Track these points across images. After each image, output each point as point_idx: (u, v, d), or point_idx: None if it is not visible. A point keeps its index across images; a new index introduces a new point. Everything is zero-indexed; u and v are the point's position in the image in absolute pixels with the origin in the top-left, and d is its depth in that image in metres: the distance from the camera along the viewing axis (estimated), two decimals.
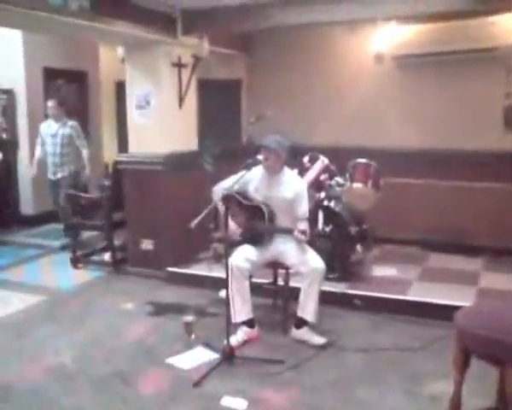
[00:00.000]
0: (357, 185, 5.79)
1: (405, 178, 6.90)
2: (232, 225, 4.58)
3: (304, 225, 4.46)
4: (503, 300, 4.96)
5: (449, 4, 5.28)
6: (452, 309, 2.94)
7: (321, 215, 5.68)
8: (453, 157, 7.03)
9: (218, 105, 8.16)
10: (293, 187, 4.61)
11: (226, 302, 4.31)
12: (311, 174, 5.79)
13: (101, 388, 3.91)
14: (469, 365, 2.72)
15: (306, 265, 4.45)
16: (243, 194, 4.69)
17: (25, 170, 8.80)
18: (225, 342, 4.20)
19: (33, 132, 8.78)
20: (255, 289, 4.84)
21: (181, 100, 6.30)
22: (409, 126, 7.38)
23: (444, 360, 3.81)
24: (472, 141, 7.00)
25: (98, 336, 4.80)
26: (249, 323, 4.55)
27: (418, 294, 5.31)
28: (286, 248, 4.57)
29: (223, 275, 4.38)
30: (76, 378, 4.04)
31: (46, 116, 7.75)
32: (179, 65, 6.20)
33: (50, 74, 9.02)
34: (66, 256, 6.88)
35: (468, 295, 5.17)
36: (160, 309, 5.40)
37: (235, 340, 4.38)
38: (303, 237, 4.32)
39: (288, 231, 4.45)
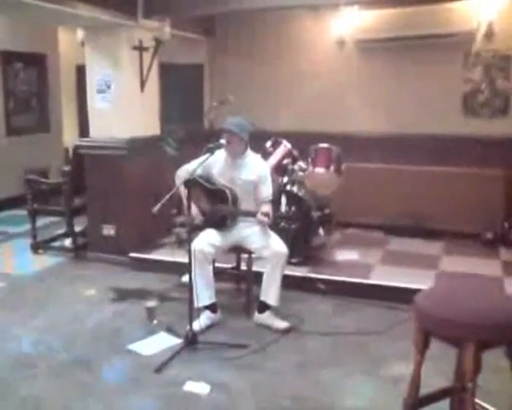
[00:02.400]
0: (319, 170, 5.82)
1: (367, 162, 6.97)
2: (194, 209, 4.57)
3: (267, 208, 4.46)
4: (458, 281, 5.05)
5: None
6: (413, 292, 2.96)
7: (283, 200, 5.69)
8: (414, 142, 7.11)
9: (180, 89, 8.09)
10: (256, 170, 4.60)
11: (189, 287, 4.29)
12: (273, 159, 5.79)
13: (61, 375, 3.86)
14: (429, 346, 2.75)
15: (269, 249, 4.46)
16: (206, 178, 4.67)
17: None
18: (188, 327, 4.18)
19: None
20: (218, 273, 4.85)
21: (142, 84, 6.21)
22: (370, 111, 7.43)
23: (405, 343, 3.87)
24: (432, 126, 7.09)
25: (59, 322, 4.74)
26: (212, 307, 4.55)
27: (380, 277, 5.37)
28: (249, 233, 4.57)
29: (185, 260, 4.35)
30: (36, 366, 3.98)
31: None
32: (140, 48, 6.10)
33: (7, 57, 8.84)
34: (27, 242, 6.76)
35: (429, 278, 5.24)
36: (123, 295, 5.35)
37: (197, 325, 4.37)
38: (266, 220, 4.32)
39: (251, 214, 4.45)
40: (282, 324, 4.51)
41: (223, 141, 4.54)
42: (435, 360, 3.16)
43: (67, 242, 6.71)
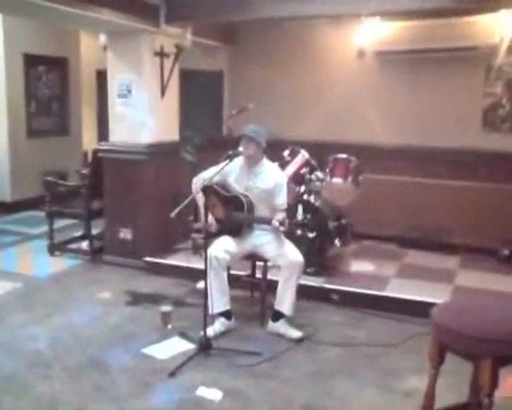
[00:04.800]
0: (337, 180, 5.81)
1: (385, 174, 6.95)
2: (211, 216, 4.59)
3: (281, 216, 4.46)
4: (477, 297, 5.03)
5: (432, 2, 5.31)
6: (428, 306, 2.97)
7: (300, 209, 5.69)
8: (432, 155, 7.08)
9: (200, 96, 8.13)
10: (272, 178, 4.62)
11: (204, 293, 4.31)
12: (291, 168, 5.81)
13: (76, 376, 3.89)
14: (444, 360, 2.75)
15: (284, 258, 4.46)
16: (223, 185, 4.70)
17: (2, 157, 8.72)
18: (202, 332, 4.20)
19: (12, 119, 8.72)
20: (233, 280, 4.86)
21: (163, 90, 6.27)
22: (389, 123, 7.41)
23: (419, 356, 3.86)
24: (451, 139, 7.05)
25: (74, 324, 4.77)
26: (226, 314, 4.56)
27: (395, 290, 5.34)
28: (264, 241, 4.58)
29: (201, 266, 4.38)
30: (51, 366, 4.01)
31: None
32: (162, 54, 6.16)
33: (31, 60, 8.94)
34: (44, 244, 6.82)
35: (445, 293, 5.22)
36: (138, 299, 5.38)
37: (211, 331, 4.37)
38: (281, 228, 4.33)
39: (267, 221, 4.46)
40: (295, 333, 4.51)
41: (241, 148, 4.57)
42: (449, 374, 3.15)
43: (84, 244, 6.76)
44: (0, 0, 4.81)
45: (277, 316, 4.56)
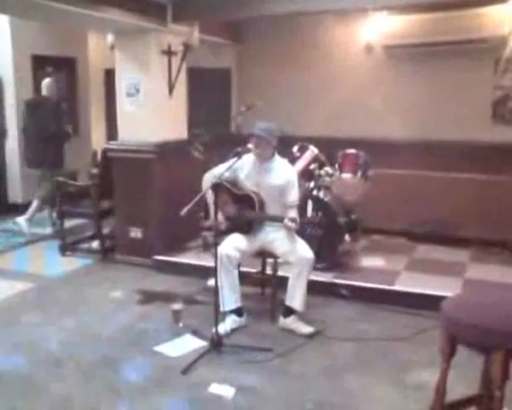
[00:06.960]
0: (346, 175, 5.82)
1: (394, 168, 6.92)
2: (221, 214, 4.60)
3: (293, 213, 4.47)
4: (487, 289, 5.01)
5: None
6: (439, 299, 2.95)
7: (310, 205, 5.69)
8: (442, 148, 7.06)
9: (208, 93, 8.15)
10: (283, 174, 4.62)
11: (215, 291, 4.32)
12: (300, 164, 5.81)
13: (89, 375, 3.91)
14: (455, 353, 2.74)
15: (295, 254, 4.46)
16: (233, 182, 4.70)
17: (13, 158, 8.76)
18: (213, 330, 4.22)
19: (22, 121, 8.74)
20: (244, 277, 4.86)
21: (171, 88, 6.28)
22: (398, 117, 7.39)
23: (430, 350, 3.86)
24: (460, 132, 7.03)
25: (86, 323, 4.80)
26: (237, 311, 4.57)
27: (405, 284, 5.33)
28: (275, 237, 4.59)
29: (211, 264, 4.39)
30: (64, 365, 4.04)
31: None
32: (169, 53, 6.17)
33: (39, 61, 8.96)
34: (55, 244, 6.86)
35: (455, 286, 5.20)
36: (149, 297, 5.40)
37: (223, 328, 4.39)
38: (293, 225, 4.33)
39: (278, 219, 4.46)
40: (306, 328, 4.51)
41: (250, 145, 4.57)
42: (461, 367, 3.14)
43: (95, 244, 6.79)
44: (9, 3, 4.83)
45: (288, 312, 4.57)
